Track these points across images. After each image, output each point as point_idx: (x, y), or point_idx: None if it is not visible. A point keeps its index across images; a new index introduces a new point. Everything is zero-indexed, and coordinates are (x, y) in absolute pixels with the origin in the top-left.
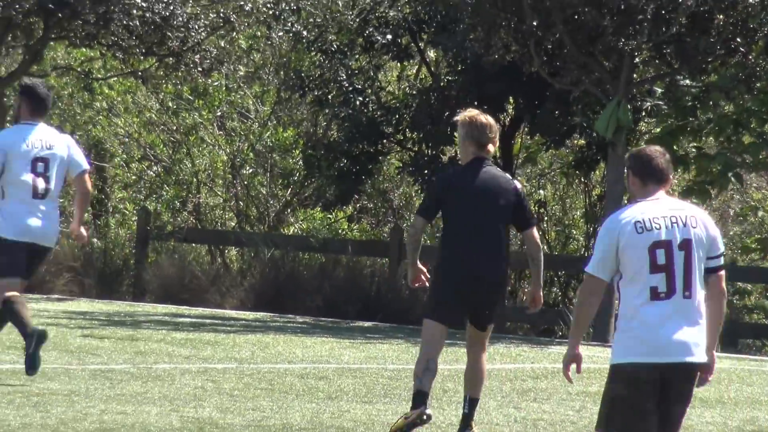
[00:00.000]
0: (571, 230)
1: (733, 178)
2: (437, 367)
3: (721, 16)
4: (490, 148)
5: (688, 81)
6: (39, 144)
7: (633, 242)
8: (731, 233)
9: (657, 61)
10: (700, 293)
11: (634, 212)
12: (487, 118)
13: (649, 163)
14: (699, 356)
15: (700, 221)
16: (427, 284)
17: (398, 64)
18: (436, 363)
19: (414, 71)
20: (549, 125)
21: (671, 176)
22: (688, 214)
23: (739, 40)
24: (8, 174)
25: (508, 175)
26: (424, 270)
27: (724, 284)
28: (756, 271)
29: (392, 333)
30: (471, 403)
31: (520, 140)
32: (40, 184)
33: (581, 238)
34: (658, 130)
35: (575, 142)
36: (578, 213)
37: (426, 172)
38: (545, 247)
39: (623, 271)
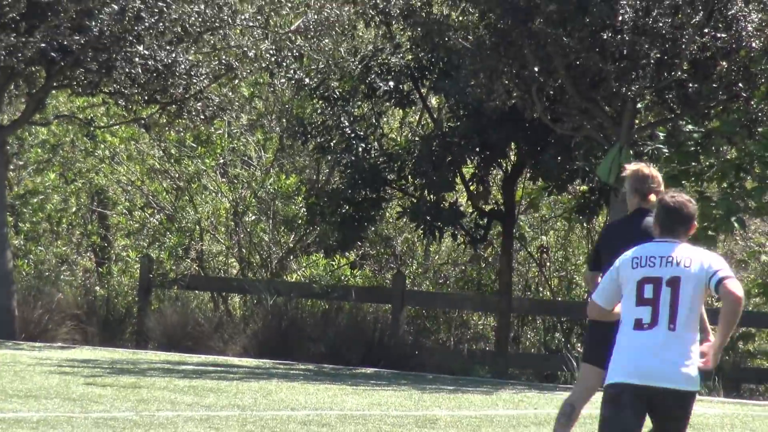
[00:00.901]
0: (574, 276)
1: (735, 223)
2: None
3: (723, 62)
4: (652, 197)
5: (690, 126)
6: None
7: (628, 276)
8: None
9: (659, 107)
10: (687, 327)
11: (638, 250)
12: (650, 170)
13: (666, 212)
14: (676, 384)
15: (696, 261)
16: None
17: (400, 111)
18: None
19: (416, 117)
20: (551, 171)
21: (689, 227)
22: (687, 256)
23: (741, 85)
24: None
25: None
26: None
27: (734, 289)
28: (759, 316)
29: (395, 379)
30: None
31: (522, 186)
32: None
33: (583, 284)
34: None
35: (577, 187)
36: (581, 259)
37: (428, 218)
38: (548, 293)
39: (621, 302)
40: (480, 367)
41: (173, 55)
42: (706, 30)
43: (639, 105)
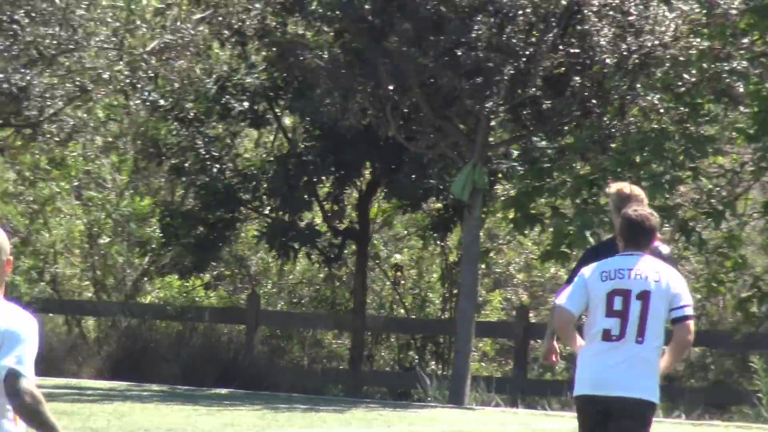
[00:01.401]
0: (428, 293)
1: (591, 238)
2: None
3: (577, 78)
4: None
5: (544, 142)
6: None
7: (596, 289)
8: None
9: (513, 124)
10: (654, 341)
11: (606, 264)
12: (631, 189)
13: (629, 228)
14: (639, 393)
15: (664, 277)
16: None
17: (255, 131)
18: None
19: (271, 138)
20: (405, 189)
21: (652, 239)
22: (654, 270)
23: (594, 101)
24: None
25: (661, 245)
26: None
27: (691, 332)
28: None
29: (249, 399)
30: None
31: (377, 205)
32: None
33: (438, 301)
34: (514, 192)
35: (431, 205)
36: (435, 276)
37: (283, 239)
38: (402, 311)
39: (587, 313)
40: (333, 386)
41: (28, 77)
42: (560, 47)
43: (493, 122)
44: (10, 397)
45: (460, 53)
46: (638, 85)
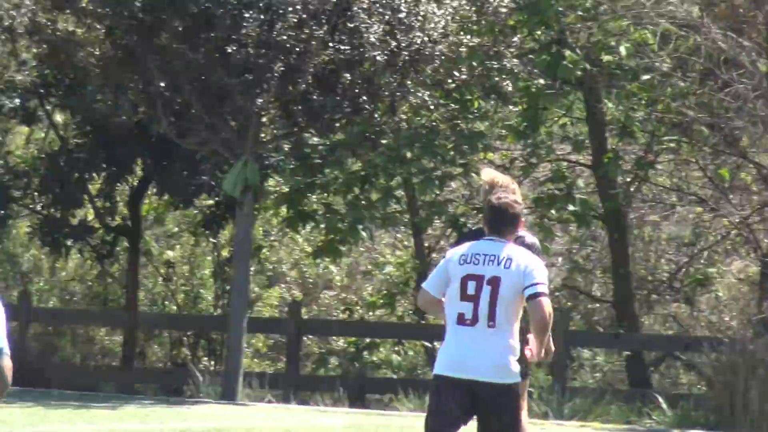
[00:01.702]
0: (200, 290)
1: (363, 233)
2: None
3: (347, 75)
4: None
5: (315, 139)
6: None
7: (454, 272)
8: (362, 291)
9: (284, 120)
10: (505, 325)
11: (468, 248)
12: (502, 178)
13: (492, 211)
14: (497, 378)
15: (517, 262)
16: None
17: (26, 128)
18: None
19: (42, 135)
20: (177, 185)
21: (515, 227)
22: (508, 256)
23: (364, 98)
24: None
25: (528, 235)
26: None
27: (544, 308)
28: (383, 327)
29: (20, 396)
30: None
31: (148, 201)
32: None
33: (210, 297)
34: (286, 188)
35: (203, 201)
36: (207, 272)
37: (55, 235)
38: (174, 307)
39: (446, 296)
40: (106, 383)
41: None
42: (330, 44)
43: (264, 119)
44: None
45: (230, 50)
46: (408, 82)
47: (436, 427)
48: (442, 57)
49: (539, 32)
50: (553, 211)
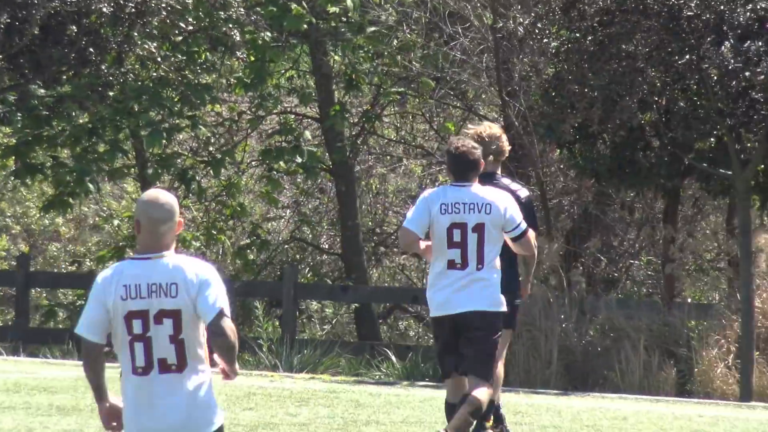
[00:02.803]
0: None
1: (90, 185)
2: None
3: (74, 27)
4: (490, 158)
5: (42, 91)
6: None
7: (438, 220)
8: (89, 244)
9: (10, 72)
10: (492, 264)
11: (443, 196)
12: (490, 131)
13: (455, 159)
14: (483, 307)
15: (495, 205)
16: None
17: None
18: None
19: None
20: None
21: (478, 170)
22: (485, 201)
23: (92, 50)
24: None
25: (521, 190)
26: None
27: (530, 244)
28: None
29: None
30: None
31: None
32: None
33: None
34: (13, 141)
35: None
36: None
37: None
38: None
39: (433, 243)
40: None
41: None
42: None
43: None
44: (217, 336)
45: None
46: (135, 34)
47: (451, 366)
48: (169, 8)
49: None
50: (281, 163)
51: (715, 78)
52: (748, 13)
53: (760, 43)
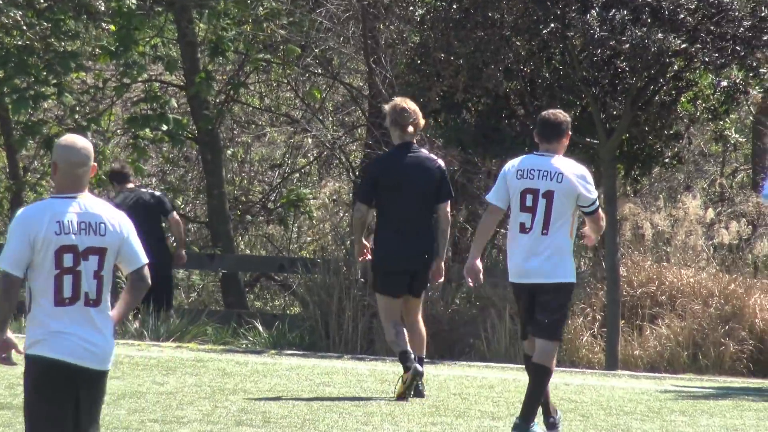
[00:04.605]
0: None
1: None
2: (403, 326)
3: None
4: (410, 129)
5: None
6: None
7: (513, 185)
8: None
9: None
10: (558, 232)
11: (522, 162)
12: (407, 103)
13: (543, 128)
14: (553, 279)
15: (568, 177)
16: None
17: None
18: (401, 323)
19: None
20: None
21: (563, 139)
22: (559, 171)
23: None
24: None
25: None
26: (368, 246)
27: (600, 220)
28: None
29: None
30: (420, 360)
31: None
32: None
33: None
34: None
35: None
36: None
37: None
38: None
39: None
40: None
41: None
42: None
43: None
44: (141, 281)
45: None
46: (0, 2)
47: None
48: None
49: None
50: (147, 131)
51: (580, 47)
52: None
53: (625, 12)
